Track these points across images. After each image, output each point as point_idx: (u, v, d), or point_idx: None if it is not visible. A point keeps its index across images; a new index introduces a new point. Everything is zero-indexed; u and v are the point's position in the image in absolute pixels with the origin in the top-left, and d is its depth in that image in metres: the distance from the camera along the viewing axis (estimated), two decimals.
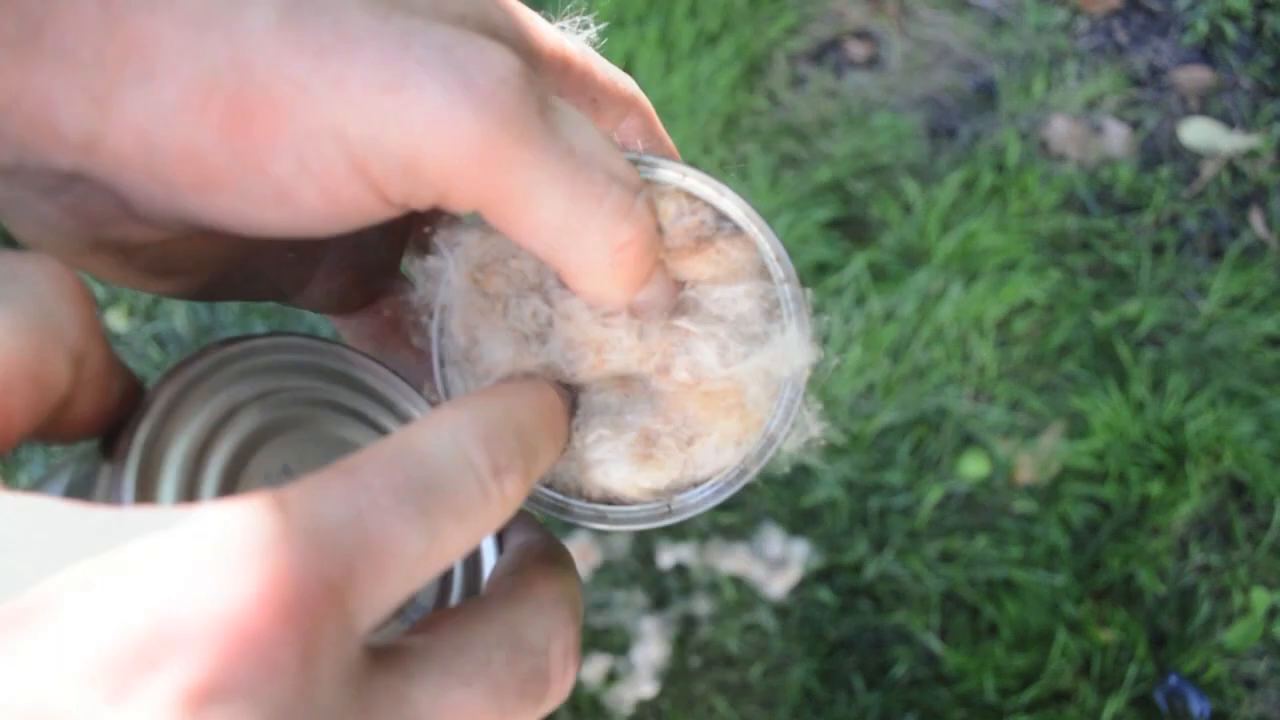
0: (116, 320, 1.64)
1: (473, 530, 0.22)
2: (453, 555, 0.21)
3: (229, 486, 0.25)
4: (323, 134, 0.22)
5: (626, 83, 0.31)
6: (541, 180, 0.24)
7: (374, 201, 0.24)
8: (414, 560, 0.20)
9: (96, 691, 0.16)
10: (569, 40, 0.29)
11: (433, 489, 0.21)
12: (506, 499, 0.23)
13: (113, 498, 0.22)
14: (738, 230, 0.30)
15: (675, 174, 0.29)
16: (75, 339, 0.21)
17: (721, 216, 0.30)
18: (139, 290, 0.28)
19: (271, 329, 0.35)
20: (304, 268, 0.32)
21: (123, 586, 0.17)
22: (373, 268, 0.33)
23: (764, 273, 0.30)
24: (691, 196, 0.30)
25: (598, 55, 0.30)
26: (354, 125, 0.22)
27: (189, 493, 0.24)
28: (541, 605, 0.25)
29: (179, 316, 1.62)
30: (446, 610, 0.24)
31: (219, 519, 0.18)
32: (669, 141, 0.33)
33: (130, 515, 0.18)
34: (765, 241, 0.30)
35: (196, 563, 0.17)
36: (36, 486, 0.25)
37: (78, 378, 0.21)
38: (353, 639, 0.19)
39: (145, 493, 0.22)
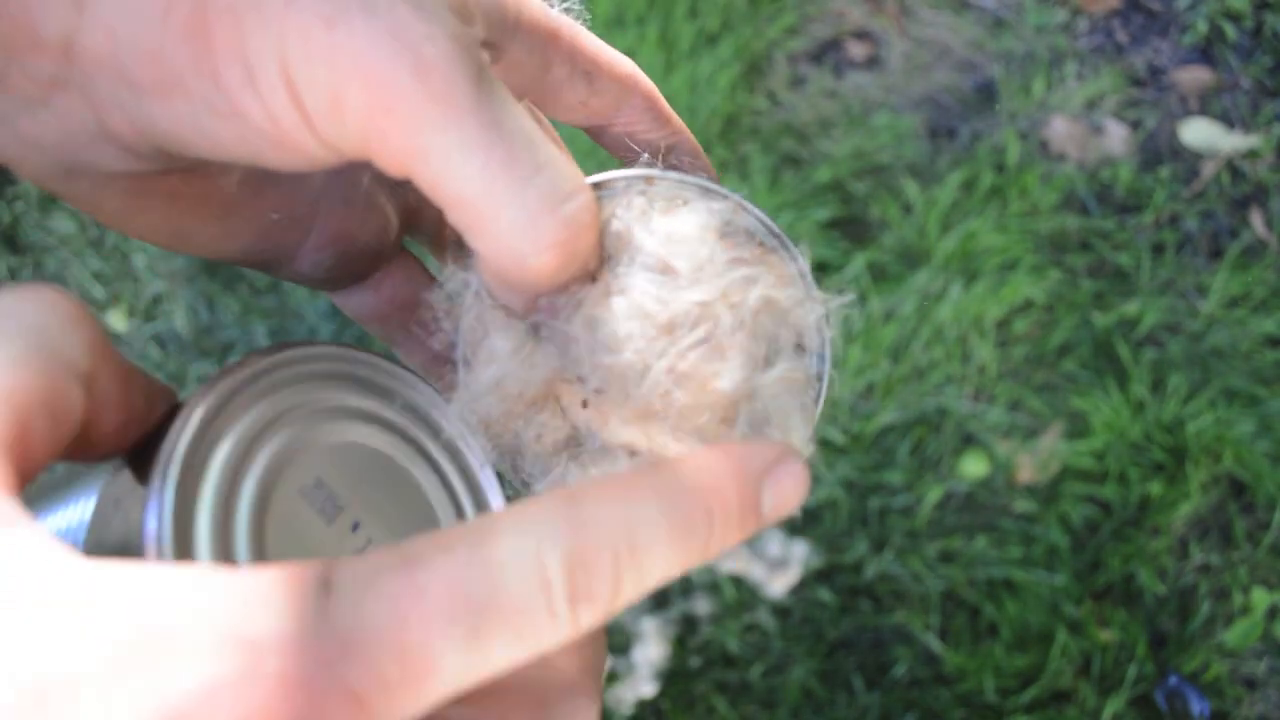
0: (116, 320, 1.65)
1: (529, 650, 0.20)
2: (502, 671, 0.20)
3: (263, 503, 0.25)
4: (267, 53, 0.22)
5: (622, 60, 0.31)
6: (455, 145, 0.23)
7: (312, 139, 0.23)
8: (453, 676, 0.19)
9: None
10: (554, 12, 0.28)
11: (492, 609, 0.19)
12: (579, 627, 0.21)
13: (151, 523, 0.22)
14: (770, 250, 0.28)
15: (697, 191, 0.27)
16: (82, 362, 0.21)
17: (749, 235, 0.28)
18: (115, 229, 0.28)
19: (308, 338, 0.35)
20: (290, 236, 0.31)
21: (149, 678, 0.16)
22: (365, 242, 0.33)
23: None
24: (714, 211, 0.28)
25: (587, 31, 0.30)
26: (293, 52, 0.22)
27: (224, 512, 0.23)
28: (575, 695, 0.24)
29: (179, 317, 1.62)
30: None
31: (257, 598, 0.17)
32: (678, 122, 0.32)
33: (164, 581, 0.17)
34: (798, 264, 0.28)
35: (222, 656, 0.17)
36: (57, 492, 0.25)
37: (92, 400, 0.21)
38: None
39: (182, 516, 0.22)
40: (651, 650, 1.36)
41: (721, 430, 0.28)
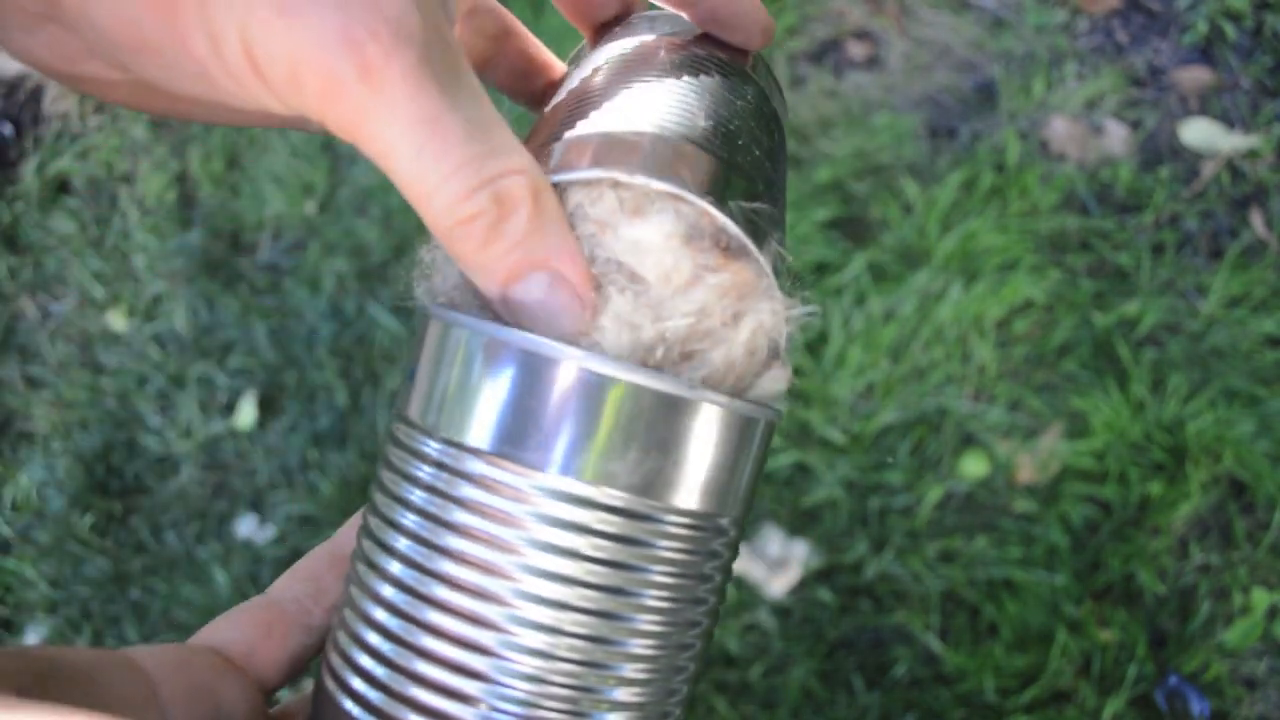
0: (116, 320, 1.64)
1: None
2: None
3: None
4: (229, 30, 0.24)
5: None
6: (395, 136, 0.25)
7: (276, 103, 0.26)
8: None
9: None
10: None
11: None
12: None
13: None
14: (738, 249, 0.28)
15: (666, 196, 0.28)
16: None
17: (715, 240, 0.28)
18: (127, 107, 0.31)
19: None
20: None
21: None
22: None
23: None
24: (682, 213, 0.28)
25: None
26: (253, 30, 0.24)
27: None
28: None
29: (179, 317, 1.62)
30: None
31: None
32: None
33: None
34: (767, 263, 0.28)
35: None
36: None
37: None
38: None
39: None
40: None
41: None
